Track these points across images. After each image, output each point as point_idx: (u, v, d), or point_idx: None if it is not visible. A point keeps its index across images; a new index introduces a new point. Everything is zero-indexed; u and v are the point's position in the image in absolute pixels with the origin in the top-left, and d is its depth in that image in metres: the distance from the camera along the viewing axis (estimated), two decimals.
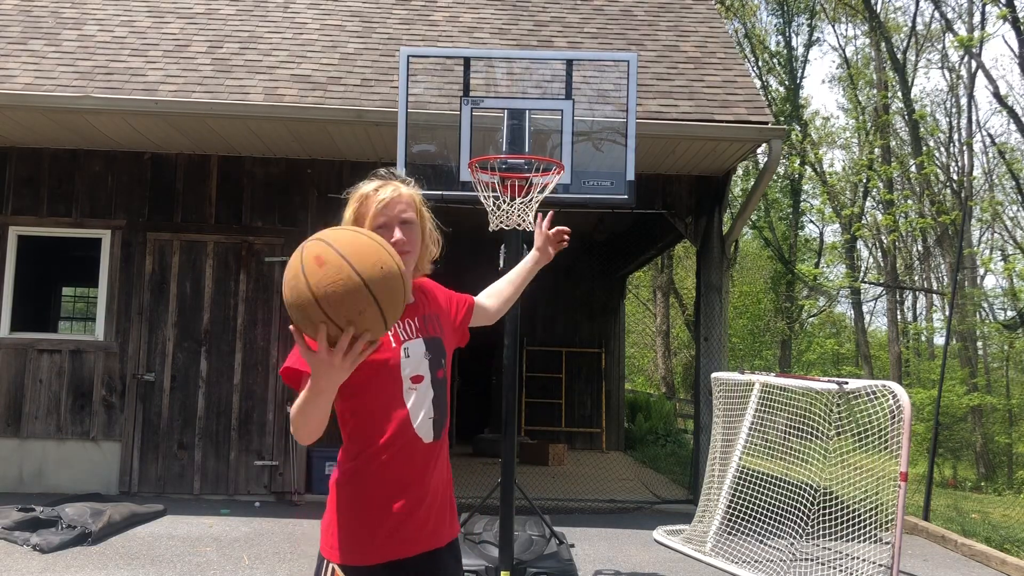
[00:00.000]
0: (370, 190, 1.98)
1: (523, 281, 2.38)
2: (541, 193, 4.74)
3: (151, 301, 7.52)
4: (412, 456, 1.90)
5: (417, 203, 2.02)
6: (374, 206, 1.95)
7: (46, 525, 5.71)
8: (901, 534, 4.81)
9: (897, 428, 4.96)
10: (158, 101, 6.77)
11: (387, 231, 1.94)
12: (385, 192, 1.96)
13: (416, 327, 2.00)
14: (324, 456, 7.57)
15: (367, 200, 1.97)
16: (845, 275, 23.19)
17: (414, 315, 2.02)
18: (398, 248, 1.91)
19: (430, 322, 2.03)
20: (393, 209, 1.95)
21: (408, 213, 1.97)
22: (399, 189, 1.99)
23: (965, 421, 18.36)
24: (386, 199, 1.95)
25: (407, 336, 1.97)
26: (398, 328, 1.96)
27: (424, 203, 2.07)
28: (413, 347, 1.96)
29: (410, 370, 1.94)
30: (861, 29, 23.97)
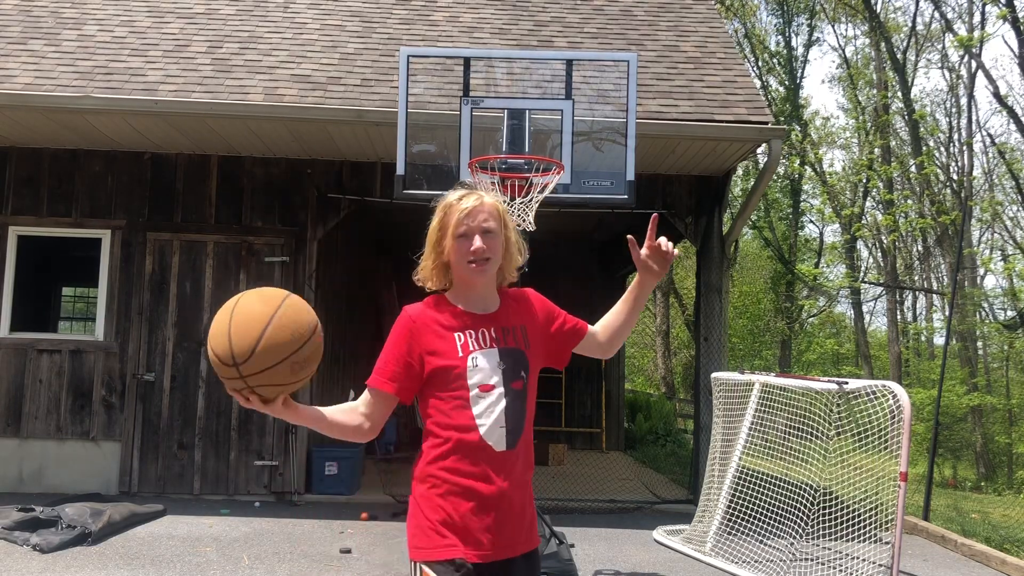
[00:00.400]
0: (454, 199, 2.04)
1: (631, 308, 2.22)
2: (541, 193, 4.74)
3: (151, 301, 7.52)
4: (479, 463, 1.95)
5: (500, 212, 2.05)
6: (456, 215, 2.00)
7: (46, 525, 5.71)
8: (901, 534, 4.81)
9: (897, 428, 4.96)
10: (158, 101, 6.77)
11: (468, 240, 1.99)
12: (468, 202, 2.01)
13: (492, 337, 2.04)
14: (324, 456, 7.57)
15: (451, 209, 2.03)
16: (845, 275, 23.19)
17: (492, 324, 2.05)
18: (477, 255, 1.99)
19: (512, 334, 2.06)
20: (475, 218, 2.00)
21: (490, 222, 2.01)
22: (482, 199, 2.03)
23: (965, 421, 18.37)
24: (468, 208, 2.00)
25: (478, 346, 2.02)
26: (469, 337, 2.02)
27: (508, 213, 2.10)
28: (483, 357, 2.00)
29: (478, 379, 1.99)
30: (861, 29, 23.98)
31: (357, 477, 7.82)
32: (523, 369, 2.03)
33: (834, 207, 23.28)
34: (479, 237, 2.00)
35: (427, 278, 2.12)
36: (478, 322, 2.05)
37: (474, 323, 2.05)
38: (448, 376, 1.99)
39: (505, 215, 2.08)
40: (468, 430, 1.96)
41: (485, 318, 2.06)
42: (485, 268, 2.02)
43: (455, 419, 1.98)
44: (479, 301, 2.08)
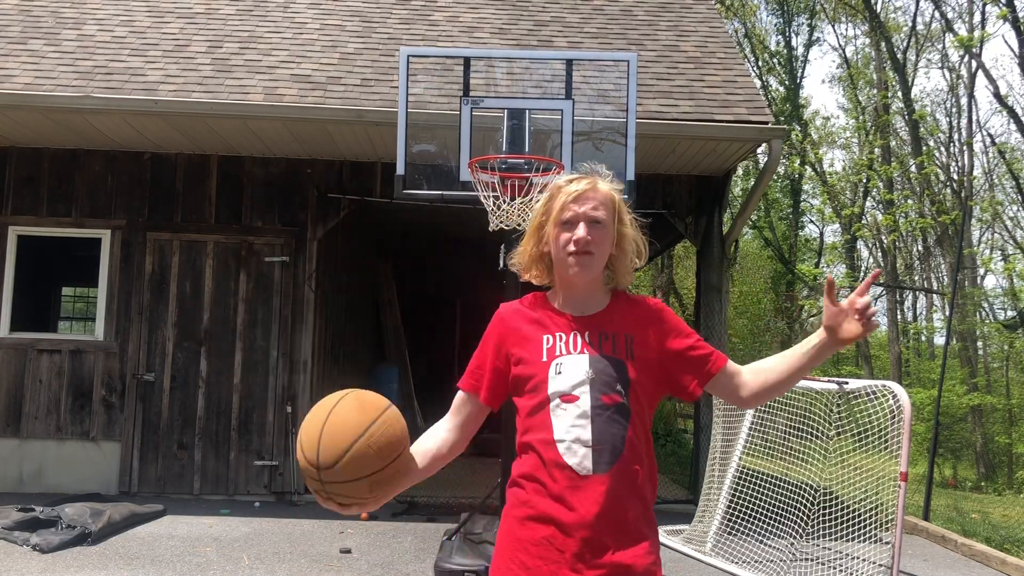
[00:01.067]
0: (562, 182, 1.81)
1: (798, 368, 1.78)
2: (541, 193, 4.73)
3: (151, 301, 7.52)
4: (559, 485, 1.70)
5: (615, 204, 1.81)
6: (562, 199, 1.78)
7: (46, 525, 5.71)
8: (901, 534, 4.81)
9: (897, 428, 4.96)
10: (158, 101, 6.77)
11: (571, 227, 1.76)
12: (578, 185, 1.78)
13: (585, 341, 1.77)
14: None
15: (557, 192, 1.80)
16: (845, 275, 23.18)
17: (589, 328, 1.79)
18: (579, 247, 1.74)
19: (612, 341, 1.77)
20: (582, 204, 1.76)
21: (599, 211, 1.76)
22: (595, 184, 1.80)
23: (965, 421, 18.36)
24: (577, 192, 1.77)
25: (566, 350, 1.77)
26: (559, 340, 1.78)
27: (625, 206, 1.84)
28: (569, 363, 1.75)
29: (559, 387, 1.74)
30: (861, 29, 23.97)
31: None
32: (620, 382, 1.73)
33: (834, 207, 23.28)
34: (584, 226, 1.74)
35: (524, 266, 1.88)
36: (573, 324, 1.80)
37: (568, 325, 1.80)
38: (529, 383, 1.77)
39: (621, 207, 1.82)
40: (547, 446, 1.72)
41: (582, 320, 1.80)
42: (586, 262, 1.76)
43: (535, 433, 1.76)
44: (579, 301, 1.83)
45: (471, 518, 5.49)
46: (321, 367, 8.32)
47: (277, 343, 7.53)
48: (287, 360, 7.52)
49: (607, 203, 1.79)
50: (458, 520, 5.64)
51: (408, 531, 6.35)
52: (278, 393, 7.49)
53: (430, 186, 5.36)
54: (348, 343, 9.90)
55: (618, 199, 1.82)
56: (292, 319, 7.55)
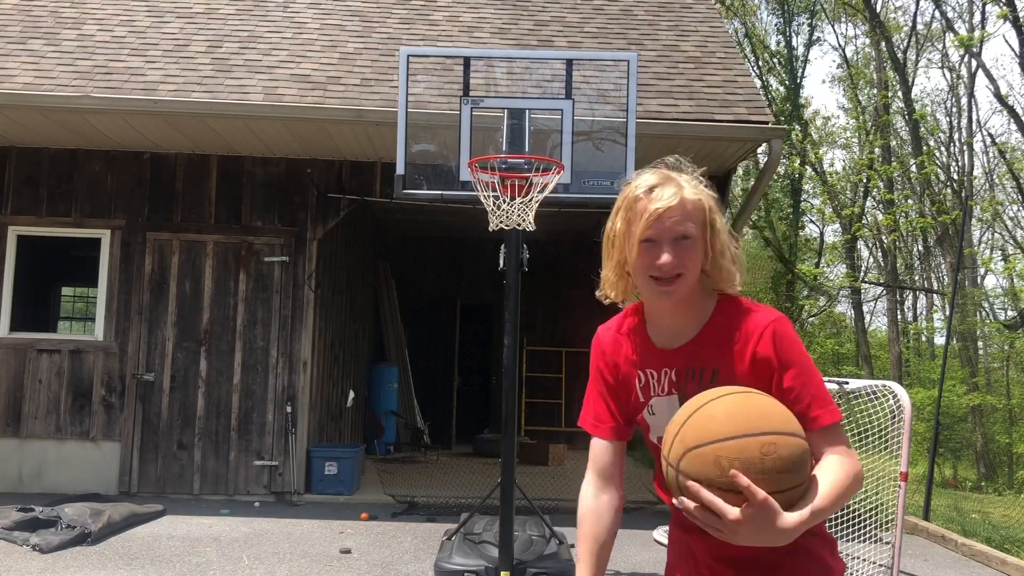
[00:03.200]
0: (642, 191, 1.57)
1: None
2: (541, 193, 4.73)
3: (151, 301, 7.52)
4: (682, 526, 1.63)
5: (706, 210, 1.57)
6: (643, 217, 1.54)
7: (45, 525, 5.71)
8: (901, 534, 4.80)
9: (897, 428, 4.96)
10: (158, 101, 6.76)
11: (655, 249, 1.54)
12: (662, 196, 1.54)
13: (672, 380, 1.62)
14: (324, 456, 7.56)
15: (636, 205, 1.56)
16: (845, 275, 23.18)
17: (675, 363, 1.62)
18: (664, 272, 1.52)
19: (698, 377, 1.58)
20: (665, 221, 1.53)
21: (686, 225, 1.53)
22: (681, 192, 1.55)
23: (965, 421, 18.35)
24: (661, 208, 1.52)
25: (658, 391, 1.64)
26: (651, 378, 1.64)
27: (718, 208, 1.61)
28: (659, 405, 1.63)
29: (656, 431, 1.65)
30: (861, 29, 23.96)
31: (357, 477, 7.82)
32: None
33: (834, 207, 23.27)
34: (669, 249, 1.52)
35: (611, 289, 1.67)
36: (662, 360, 1.63)
37: (659, 361, 1.64)
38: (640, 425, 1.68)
39: (713, 213, 1.58)
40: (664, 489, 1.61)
41: (670, 355, 1.62)
42: (673, 289, 1.54)
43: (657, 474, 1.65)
44: (667, 329, 1.64)
45: (471, 518, 5.49)
46: (321, 367, 8.32)
47: (277, 343, 7.53)
48: (287, 360, 7.52)
49: (696, 214, 1.55)
50: (458, 520, 5.63)
51: (408, 531, 6.35)
52: (278, 393, 7.49)
53: (430, 186, 5.35)
54: (348, 343, 9.90)
55: (708, 204, 1.58)
56: (292, 319, 7.55)
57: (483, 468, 9.27)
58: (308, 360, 7.56)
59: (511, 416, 4.78)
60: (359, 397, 10.46)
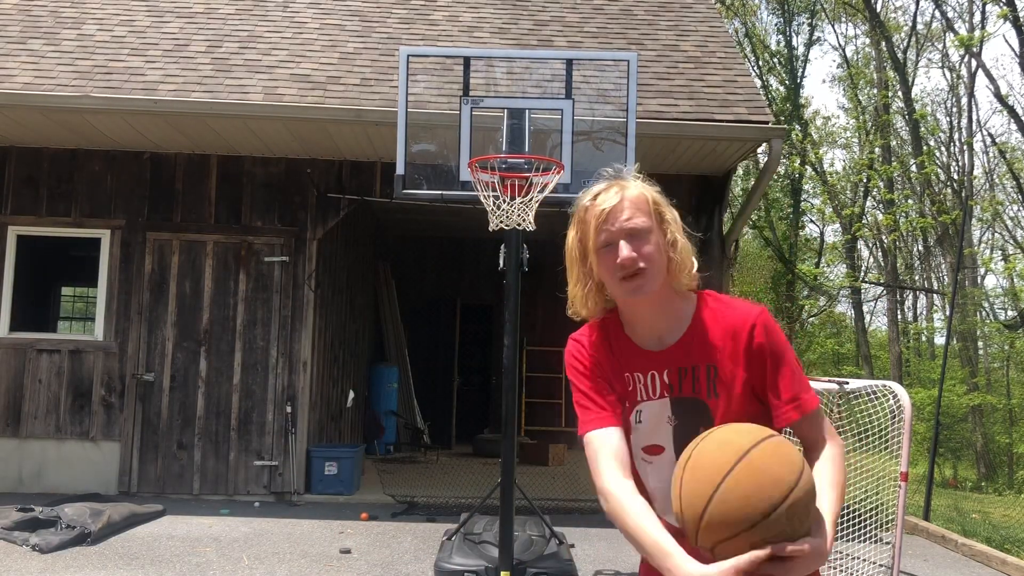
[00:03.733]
0: (587, 201, 1.60)
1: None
2: (541, 193, 4.73)
3: (151, 301, 7.52)
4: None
5: (650, 202, 1.58)
6: (593, 221, 1.57)
7: (45, 525, 5.71)
8: (901, 534, 4.80)
9: (897, 428, 4.95)
10: (157, 101, 6.76)
11: (613, 250, 1.55)
12: (605, 200, 1.56)
13: (663, 381, 1.58)
14: (324, 456, 7.56)
15: (586, 215, 1.59)
16: (845, 275, 23.18)
17: (666, 365, 1.58)
18: (627, 268, 1.53)
19: (692, 376, 1.56)
20: (615, 220, 1.55)
21: (636, 219, 1.54)
22: (623, 191, 1.57)
23: (965, 421, 18.34)
24: (607, 210, 1.55)
25: (645, 395, 1.59)
26: (638, 382, 1.59)
27: (664, 201, 1.61)
28: (648, 410, 1.59)
29: (642, 439, 1.60)
30: (861, 28, 23.96)
31: (357, 477, 7.81)
32: (703, 425, 1.53)
33: (834, 207, 23.26)
34: (625, 244, 1.53)
35: (580, 307, 1.67)
36: (650, 362, 1.60)
37: (646, 363, 1.60)
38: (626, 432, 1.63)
39: (661, 205, 1.60)
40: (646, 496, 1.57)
41: (659, 356, 1.59)
42: (642, 283, 1.54)
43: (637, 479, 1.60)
44: (650, 330, 1.61)
45: (471, 518, 5.49)
46: (321, 367, 8.32)
47: (277, 343, 7.53)
48: (287, 360, 7.52)
49: (642, 206, 1.57)
50: (458, 520, 5.63)
51: (408, 531, 6.35)
52: (278, 393, 7.49)
53: (430, 186, 5.35)
54: (348, 343, 9.90)
55: (651, 196, 1.60)
56: (292, 319, 7.55)
57: (483, 468, 9.26)
58: (308, 360, 7.56)
59: (511, 416, 4.78)
60: (359, 397, 10.45)
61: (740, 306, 1.58)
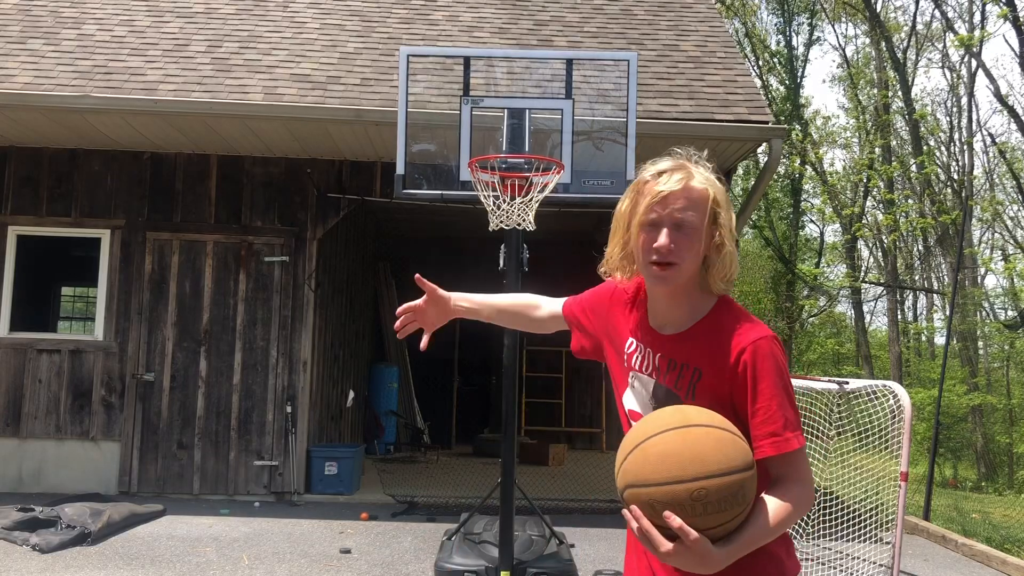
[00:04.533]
0: (651, 174, 1.59)
1: None
2: (541, 193, 4.73)
3: (151, 301, 7.51)
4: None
5: (712, 202, 1.56)
6: (648, 198, 1.56)
7: (45, 525, 5.70)
8: (901, 534, 4.80)
9: (897, 428, 4.95)
10: (157, 100, 6.76)
11: (655, 231, 1.55)
12: (667, 181, 1.55)
13: (655, 364, 1.63)
14: (324, 456, 7.56)
15: (644, 189, 1.59)
16: (845, 275, 23.18)
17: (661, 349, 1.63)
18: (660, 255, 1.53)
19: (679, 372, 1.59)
20: (668, 205, 1.54)
21: (688, 213, 1.53)
22: (688, 180, 1.56)
23: (966, 421, 18.34)
24: (663, 191, 1.54)
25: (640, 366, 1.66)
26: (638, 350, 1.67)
27: (725, 201, 1.59)
28: (640, 382, 1.66)
29: (630, 403, 1.68)
30: (861, 28, 23.96)
31: (357, 477, 7.81)
32: None
33: (834, 207, 23.26)
34: (667, 232, 1.53)
35: (613, 267, 1.70)
36: (653, 341, 1.65)
37: (649, 340, 1.66)
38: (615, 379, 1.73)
39: (719, 205, 1.57)
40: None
41: (659, 340, 1.64)
42: (667, 275, 1.55)
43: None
44: (663, 312, 1.65)
45: (471, 518, 5.49)
46: (321, 367, 8.32)
47: (277, 343, 7.52)
48: (287, 360, 7.51)
49: (700, 203, 1.55)
50: (458, 520, 5.63)
51: (408, 531, 6.35)
52: (278, 393, 7.49)
53: (430, 186, 5.35)
54: (348, 343, 9.90)
55: (714, 196, 1.57)
56: (292, 319, 7.55)
57: (483, 468, 9.26)
58: (308, 360, 7.55)
59: (511, 416, 4.78)
60: (359, 397, 10.45)
61: (746, 325, 1.56)
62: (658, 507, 1.38)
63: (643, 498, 1.40)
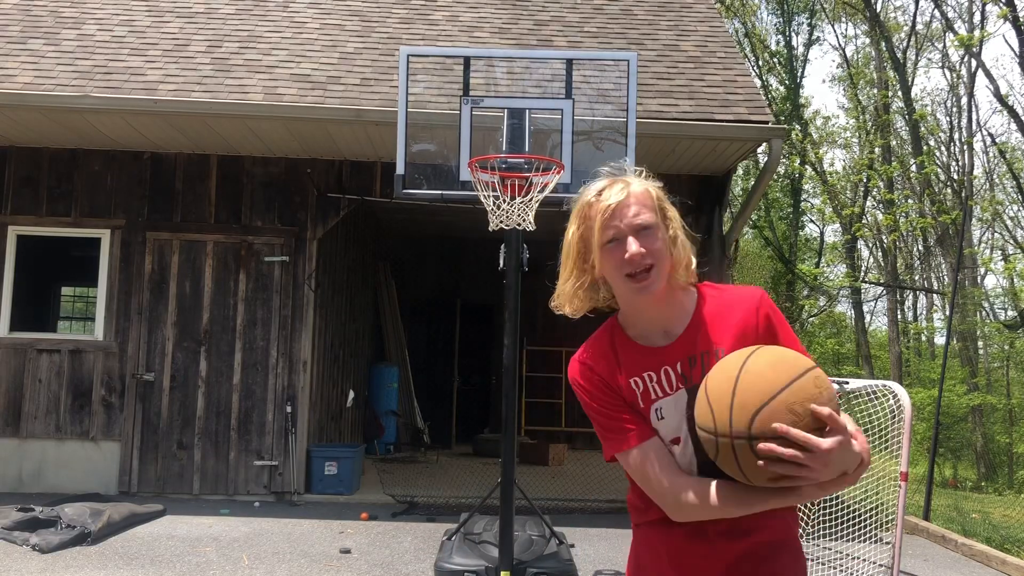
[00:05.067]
0: (592, 196, 1.59)
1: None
2: (541, 193, 4.73)
3: (151, 301, 7.52)
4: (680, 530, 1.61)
5: (655, 199, 1.60)
6: (599, 217, 1.56)
7: (45, 525, 5.71)
8: (901, 534, 4.80)
9: (897, 428, 4.96)
10: (157, 100, 6.76)
11: (620, 246, 1.55)
12: (611, 195, 1.56)
13: (677, 374, 1.60)
14: (324, 456, 7.56)
15: (590, 211, 1.58)
16: (845, 275, 23.18)
17: (676, 358, 1.60)
18: (635, 264, 1.53)
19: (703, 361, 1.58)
20: (623, 216, 1.55)
21: (643, 216, 1.55)
22: (628, 187, 1.58)
23: (965, 421, 18.34)
24: (612, 205, 1.55)
25: (660, 392, 1.60)
26: (649, 381, 1.61)
27: (666, 197, 1.63)
28: (667, 406, 1.60)
29: (665, 432, 1.61)
30: (861, 28, 23.96)
31: (357, 477, 7.81)
32: None
33: (834, 207, 23.25)
34: (633, 240, 1.54)
35: (565, 302, 1.67)
36: (660, 358, 1.61)
37: (655, 361, 1.61)
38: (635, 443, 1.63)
39: (664, 202, 1.61)
40: None
41: (668, 351, 1.61)
42: (649, 281, 1.55)
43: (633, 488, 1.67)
44: (656, 326, 1.63)
45: (471, 518, 5.49)
46: (321, 367, 8.32)
47: (277, 343, 7.53)
48: (287, 360, 7.52)
49: (648, 202, 1.58)
50: (458, 520, 5.63)
51: (408, 531, 6.35)
52: (278, 393, 7.49)
53: (430, 186, 5.35)
54: (348, 343, 9.90)
55: (656, 194, 1.61)
56: (292, 319, 7.55)
57: (483, 468, 9.26)
58: (308, 360, 7.56)
59: (511, 416, 4.78)
60: (359, 397, 10.45)
61: (739, 289, 1.65)
62: (799, 408, 1.39)
63: (780, 408, 1.38)
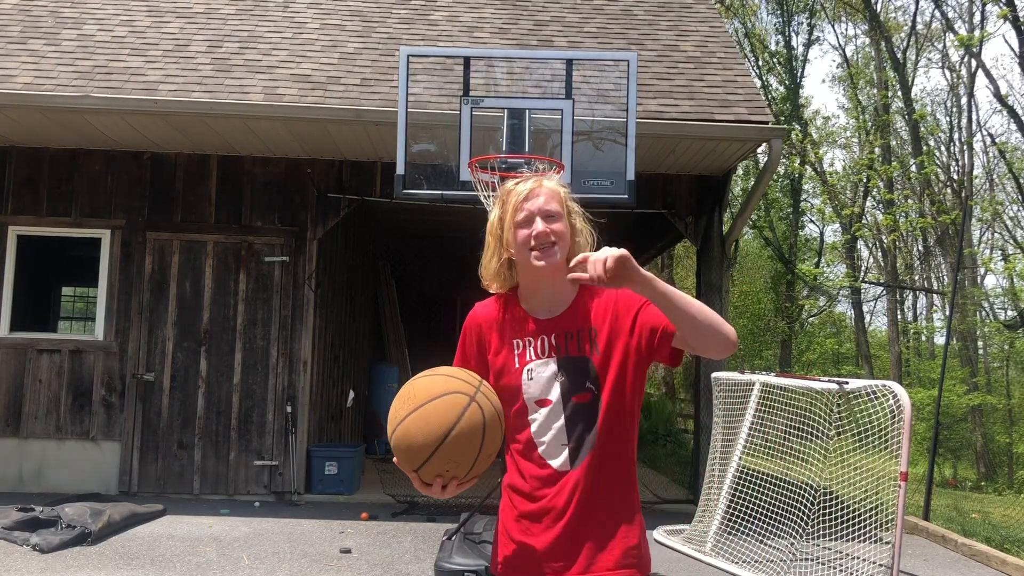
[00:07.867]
0: (510, 186, 1.92)
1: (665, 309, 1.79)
2: None
3: (151, 301, 7.52)
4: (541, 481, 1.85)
5: (562, 196, 1.90)
6: (513, 200, 1.87)
7: (46, 525, 5.71)
8: (901, 534, 4.80)
9: (897, 428, 4.96)
10: (158, 101, 6.76)
11: (528, 224, 1.84)
12: (525, 185, 1.88)
13: (552, 344, 1.88)
14: (324, 456, 7.56)
15: (508, 196, 1.89)
16: (845, 275, 23.18)
17: (554, 331, 1.89)
18: (541, 241, 1.83)
19: (577, 339, 1.87)
20: (534, 201, 1.85)
21: (551, 205, 1.86)
22: (540, 181, 1.90)
23: (965, 421, 18.34)
24: (525, 191, 1.87)
25: (534, 356, 1.89)
26: (528, 346, 1.89)
27: (571, 198, 1.94)
28: (538, 369, 1.88)
29: (533, 393, 1.87)
30: (861, 28, 23.97)
31: (357, 477, 7.82)
32: (588, 380, 1.85)
33: (834, 207, 23.25)
34: (540, 220, 1.83)
35: (491, 279, 1.96)
36: (540, 328, 1.90)
37: (536, 330, 1.90)
38: (508, 391, 1.89)
39: (568, 200, 1.91)
40: (530, 448, 1.87)
41: (548, 323, 1.90)
42: (550, 255, 1.83)
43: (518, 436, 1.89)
44: (544, 302, 1.92)
45: (471, 518, 5.49)
46: (321, 367, 8.32)
47: (277, 343, 7.53)
48: (287, 360, 7.52)
49: (555, 196, 1.88)
50: (458, 520, 5.63)
51: (408, 531, 6.35)
52: (278, 393, 7.49)
53: (430, 186, 5.36)
54: (348, 343, 9.91)
55: (564, 193, 1.91)
56: (292, 319, 7.55)
57: None
58: (308, 360, 7.56)
59: None
60: (359, 397, 10.45)
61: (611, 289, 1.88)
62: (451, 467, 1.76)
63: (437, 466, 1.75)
